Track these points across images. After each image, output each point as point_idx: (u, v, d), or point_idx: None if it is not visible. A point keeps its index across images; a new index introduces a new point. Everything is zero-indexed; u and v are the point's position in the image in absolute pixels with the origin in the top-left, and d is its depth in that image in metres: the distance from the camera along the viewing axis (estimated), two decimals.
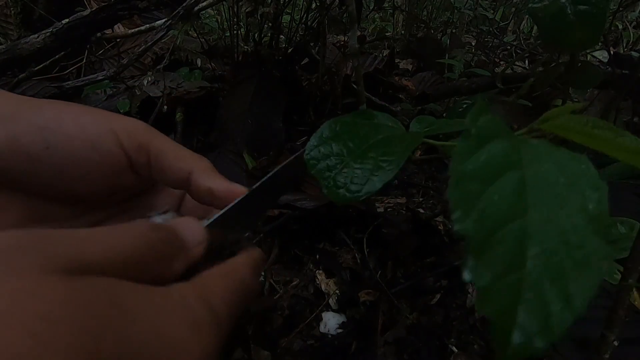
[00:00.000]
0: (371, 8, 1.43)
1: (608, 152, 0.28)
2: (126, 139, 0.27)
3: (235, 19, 1.08)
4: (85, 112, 0.27)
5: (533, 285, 0.21)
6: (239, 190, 0.28)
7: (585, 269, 0.22)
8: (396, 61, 1.49)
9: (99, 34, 1.05)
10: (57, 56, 1.02)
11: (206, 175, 0.28)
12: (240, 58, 1.11)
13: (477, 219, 0.22)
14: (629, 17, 1.65)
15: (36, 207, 0.27)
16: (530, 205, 0.24)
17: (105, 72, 0.90)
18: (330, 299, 0.58)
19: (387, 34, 2.01)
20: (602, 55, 1.30)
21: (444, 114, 1.07)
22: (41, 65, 1.03)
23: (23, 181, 0.26)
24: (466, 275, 0.21)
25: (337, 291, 0.59)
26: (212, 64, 1.25)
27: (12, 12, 1.26)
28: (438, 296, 0.58)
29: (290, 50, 1.08)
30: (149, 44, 0.89)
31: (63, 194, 0.27)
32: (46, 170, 0.26)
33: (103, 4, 0.92)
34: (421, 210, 0.79)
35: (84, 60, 1.22)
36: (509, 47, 1.77)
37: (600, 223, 0.23)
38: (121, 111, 0.94)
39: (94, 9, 0.91)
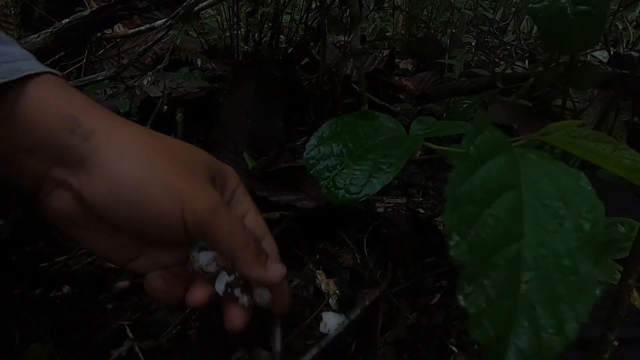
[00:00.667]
0: (371, 8, 1.43)
1: (607, 168, 0.28)
2: (190, 219, 0.34)
3: (235, 19, 1.08)
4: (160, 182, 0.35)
5: (526, 310, 0.21)
6: (274, 280, 0.36)
7: (579, 294, 0.21)
8: (396, 61, 1.49)
9: (99, 34, 1.05)
10: (57, 56, 1.02)
11: (246, 266, 0.36)
12: (240, 58, 1.11)
13: (472, 243, 0.22)
14: (629, 17, 1.65)
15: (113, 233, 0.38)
16: (526, 227, 0.23)
17: (105, 72, 0.89)
18: (330, 299, 0.58)
19: (387, 34, 2.01)
20: (602, 55, 1.30)
21: (444, 114, 1.07)
22: None
23: (115, 220, 0.35)
24: (461, 301, 0.21)
25: (337, 291, 0.59)
26: (212, 64, 1.25)
27: (12, 12, 1.26)
28: (438, 296, 0.58)
29: (290, 50, 1.08)
30: (149, 44, 0.89)
31: (129, 230, 0.36)
32: (126, 213, 0.34)
33: (103, 4, 0.92)
34: (421, 210, 0.79)
35: (84, 60, 1.23)
36: (509, 47, 1.77)
37: (594, 245, 0.23)
38: (121, 111, 0.94)
39: (94, 9, 0.91)
